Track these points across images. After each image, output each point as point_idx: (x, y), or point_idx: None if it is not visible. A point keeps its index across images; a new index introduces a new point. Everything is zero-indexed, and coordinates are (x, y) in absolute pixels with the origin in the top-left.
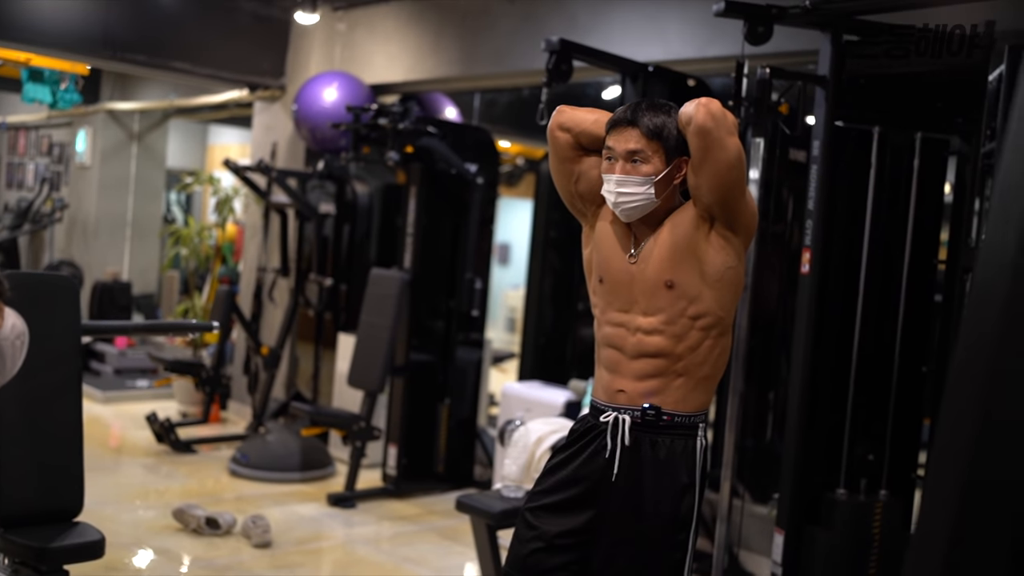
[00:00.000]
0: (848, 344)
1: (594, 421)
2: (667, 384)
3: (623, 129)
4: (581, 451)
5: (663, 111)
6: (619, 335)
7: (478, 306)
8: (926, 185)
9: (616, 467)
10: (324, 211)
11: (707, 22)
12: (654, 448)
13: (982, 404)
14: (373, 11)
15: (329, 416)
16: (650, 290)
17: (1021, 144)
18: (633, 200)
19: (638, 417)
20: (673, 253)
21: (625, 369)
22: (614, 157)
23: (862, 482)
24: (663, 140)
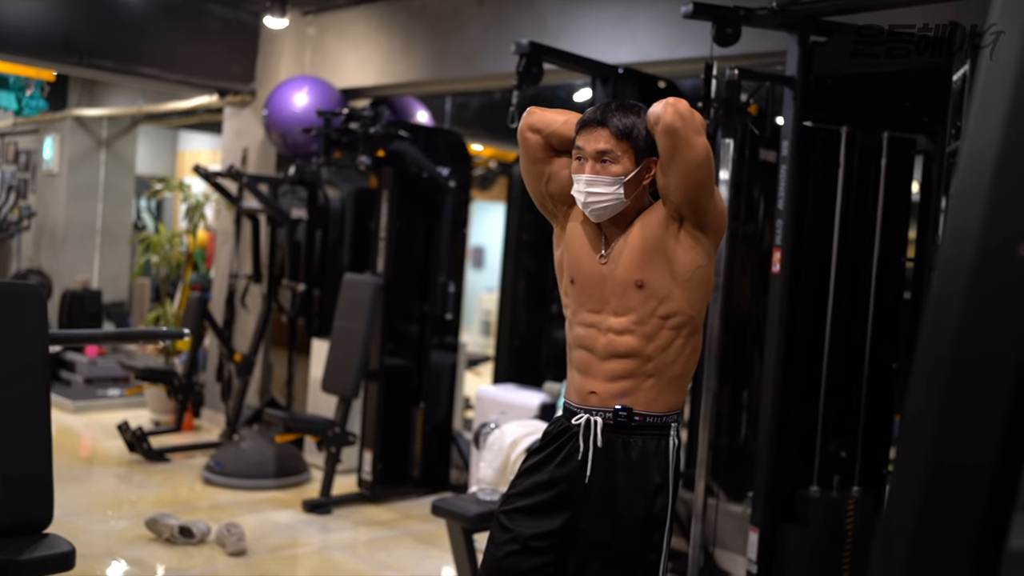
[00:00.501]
0: (819, 342)
1: (567, 423)
2: (638, 384)
3: (593, 129)
4: (555, 453)
5: (633, 112)
6: (590, 335)
7: (452, 310)
8: (894, 184)
9: (589, 469)
10: (296, 216)
11: (676, 24)
12: (627, 449)
13: (943, 402)
14: (343, 15)
15: (303, 422)
16: (620, 290)
17: (978, 145)
18: (603, 200)
19: (610, 419)
20: (643, 253)
21: (596, 370)
22: (584, 157)
23: (835, 479)
24: (632, 140)
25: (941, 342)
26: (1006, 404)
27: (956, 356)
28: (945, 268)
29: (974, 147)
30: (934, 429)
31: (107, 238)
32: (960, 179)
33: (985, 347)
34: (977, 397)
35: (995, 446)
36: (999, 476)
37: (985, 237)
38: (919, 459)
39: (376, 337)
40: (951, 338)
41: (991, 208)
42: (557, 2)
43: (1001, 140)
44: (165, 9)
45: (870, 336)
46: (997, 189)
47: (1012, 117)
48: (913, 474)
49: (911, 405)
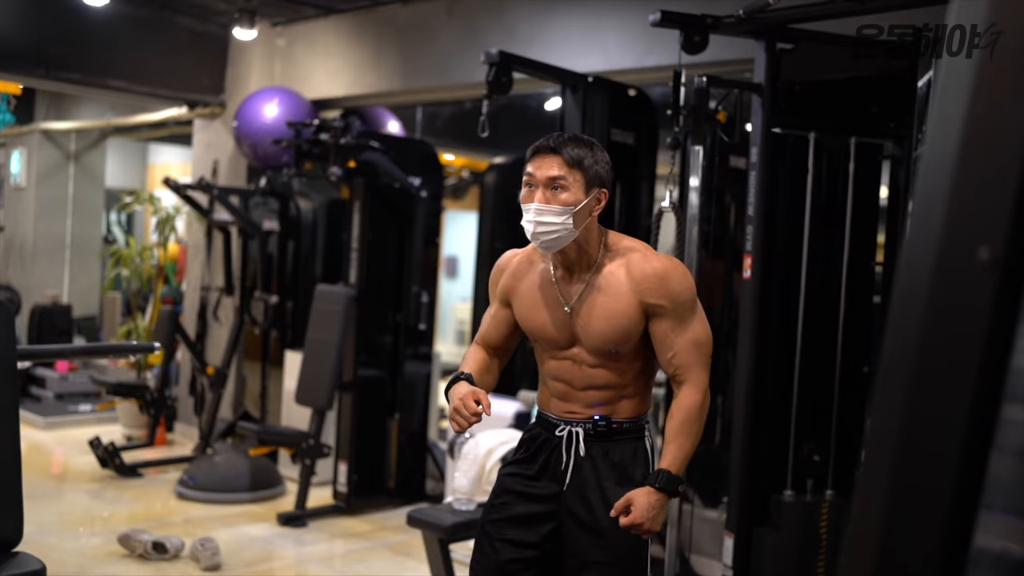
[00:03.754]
0: (791, 347)
1: (547, 434)
2: (615, 401)
3: (545, 156)
4: (534, 460)
5: (585, 144)
6: (565, 368)
7: (425, 319)
8: (862, 188)
9: (569, 477)
10: (268, 228)
11: (646, 32)
12: (607, 455)
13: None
14: (312, 26)
15: (277, 435)
16: (592, 346)
17: (938, 149)
18: (552, 231)
19: (590, 429)
20: (612, 330)
21: (575, 397)
22: (534, 184)
23: (808, 483)
24: (584, 169)
25: (904, 346)
26: (968, 409)
27: (918, 361)
28: (907, 272)
29: (935, 149)
30: (898, 435)
31: (77, 252)
32: (922, 181)
33: (947, 351)
34: (940, 402)
35: (959, 452)
36: (963, 478)
37: (946, 240)
38: (883, 466)
39: (349, 348)
40: (913, 342)
41: (952, 210)
42: (527, 12)
43: (960, 141)
44: (133, 21)
45: (841, 340)
46: (957, 191)
47: (970, 118)
48: (878, 481)
49: (876, 413)
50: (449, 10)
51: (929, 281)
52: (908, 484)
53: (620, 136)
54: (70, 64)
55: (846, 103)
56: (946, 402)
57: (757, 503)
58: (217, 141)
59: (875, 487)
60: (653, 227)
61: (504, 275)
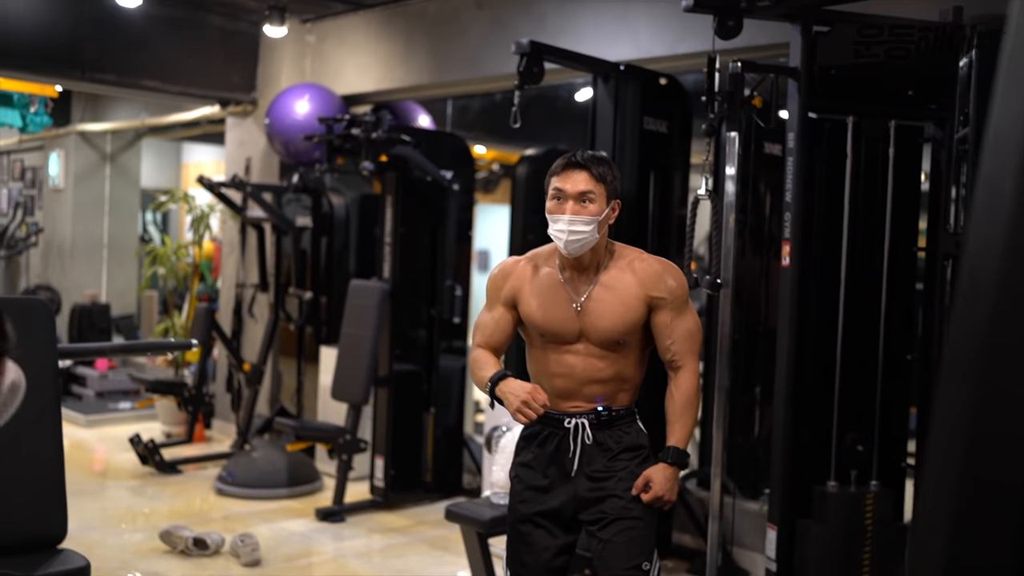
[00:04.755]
0: (832, 335)
1: (550, 429)
2: (614, 395)
3: (574, 171)
4: (541, 456)
5: (605, 162)
6: (570, 362)
7: (459, 313)
8: (902, 173)
9: (577, 463)
10: (301, 224)
11: (677, 19)
12: (611, 437)
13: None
14: (342, 22)
15: (314, 430)
16: (600, 338)
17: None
18: (581, 238)
19: (594, 419)
20: (624, 319)
21: (578, 393)
22: (563, 197)
23: (852, 473)
24: (606, 184)
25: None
26: None
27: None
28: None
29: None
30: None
31: (114, 252)
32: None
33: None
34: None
35: None
36: None
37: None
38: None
39: (384, 343)
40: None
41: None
42: (556, 2)
43: None
44: (165, 21)
45: (883, 328)
46: None
47: None
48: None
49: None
50: (478, 3)
51: (998, 267)
52: (981, 480)
53: (653, 124)
54: (104, 65)
55: (884, 85)
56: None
57: (800, 495)
58: (249, 139)
59: (943, 484)
60: (689, 215)
61: (510, 279)
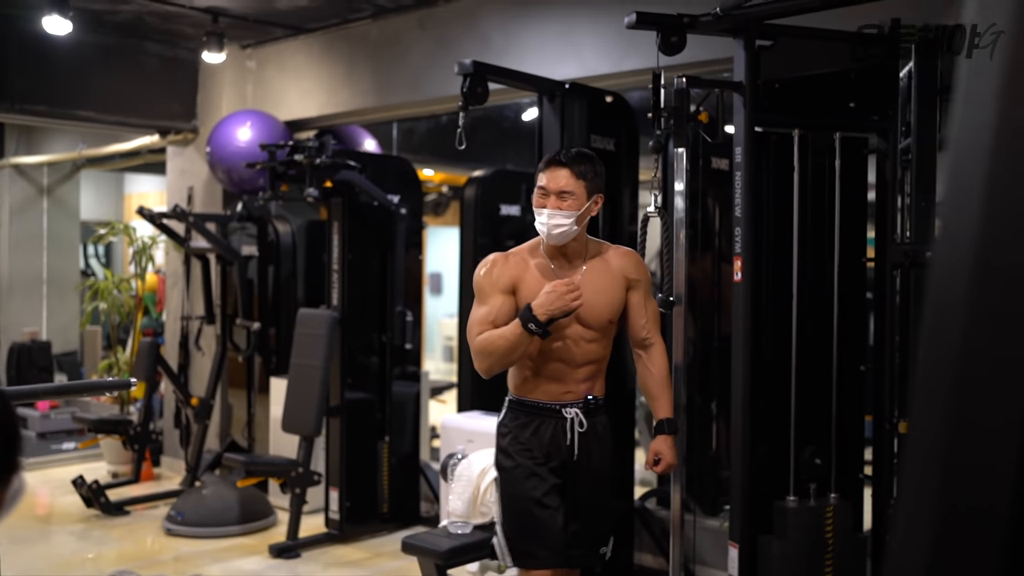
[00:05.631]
0: (786, 349)
1: (542, 418)
2: (597, 378)
3: (556, 169)
4: (536, 446)
5: (588, 159)
6: (565, 347)
7: (411, 339)
8: (848, 184)
9: (577, 450)
10: (247, 253)
11: (621, 37)
12: (594, 427)
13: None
14: (283, 47)
15: (264, 465)
16: (592, 318)
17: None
18: (561, 230)
19: (583, 407)
20: (611, 301)
21: (571, 376)
22: (547, 193)
23: (811, 487)
24: (587, 181)
25: (945, 357)
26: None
27: (962, 370)
28: (941, 276)
29: (963, 145)
30: (944, 451)
31: (54, 287)
32: (951, 180)
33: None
34: (990, 410)
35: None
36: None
37: (984, 240)
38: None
39: (335, 372)
40: (956, 351)
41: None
42: (500, 21)
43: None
44: (99, 49)
45: (836, 339)
46: (993, 187)
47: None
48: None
49: (915, 429)
50: (421, 23)
51: (968, 282)
52: (958, 505)
53: (600, 143)
54: (35, 96)
55: (828, 98)
56: (997, 410)
57: (760, 511)
58: (191, 168)
59: (919, 510)
60: (639, 232)
61: (506, 267)
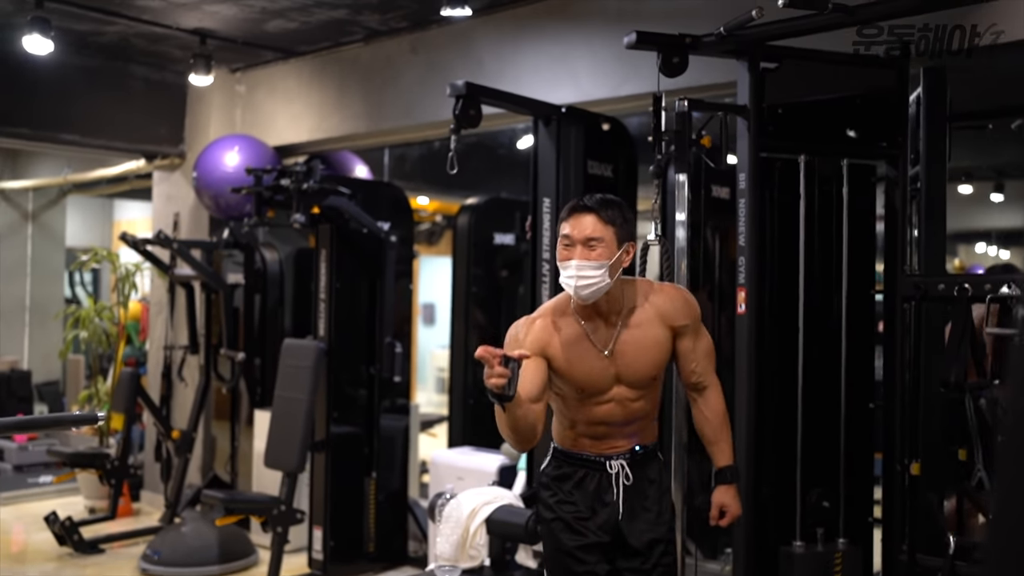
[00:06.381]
0: (792, 385)
1: (586, 470)
2: (647, 428)
3: (581, 216)
4: (579, 500)
5: (615, 205)
6: (608, 410)
7: (400, 371)
8: (856, 213)
9: (622, 506)
10: (232, 281)
11: (619, 61)
12: (644, 474)
13: None
14: (273, 70)
15: (245, 502)
16: (636, 379)
17: None
18: (592, 283)
19: (630, 459)
20: (654, 357)
21: (616, 433)
22: (572, 243)
23: (819, 532)
24: (616, 227)
25: None
26: None
27: None
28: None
29: None
30: None
31: (37, 315)
32: None
33: None
34: None
35: None
36: None
37: None
38: None
39: (321, 405)
40: None
41: None
42: (494, 45)
43: None
44: (84, 71)
45: (844, 375)
46: None
47: None
48: None
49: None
50: (413, 47)
51: None
52: None
53: (598, 169)
54: (17, 119)
55: (835, 123)
56: None
57: (765, 556)
58: (177, 193)
59: None
60: (638, 262)
61: (532, 332)
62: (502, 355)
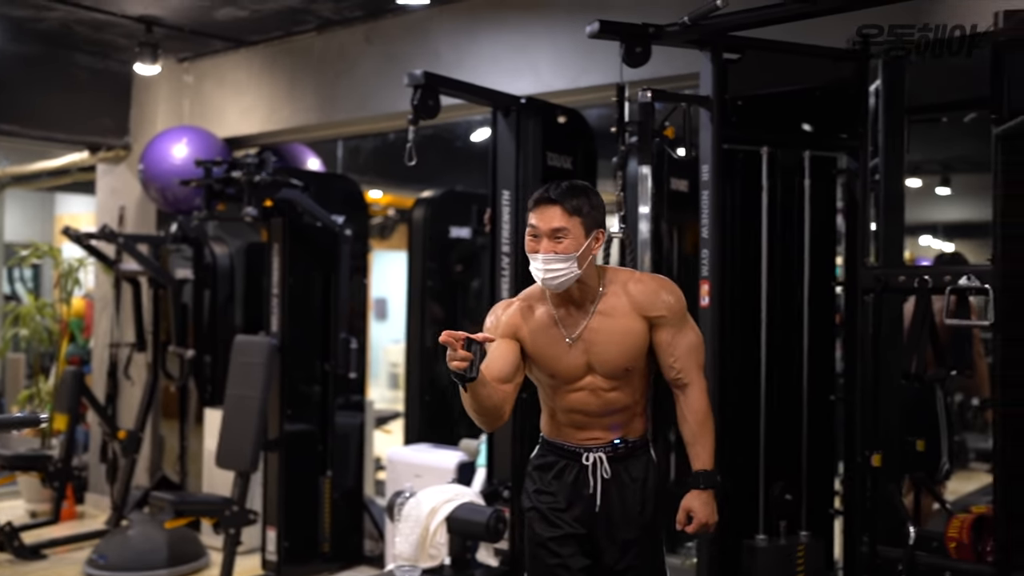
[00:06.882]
0: (755, 378)
1: (566, 461)
2: (630, 422)
3: (546, 207)
4: (558, 490)
5: (581, 192)
6: (583, 398)
7: (356, 367)
8: (818, 205)
9: (599, 499)
10: (181, 277)
11: (580, 51)
12: (628, 471)
13: None
14: (222, 60)
15: (196, 504)
16: (607, 368)
17: None
18: (560, 275)
19: (610, 452)
20: (625, 346)
21: (595, 424)
22: (539, 235)
23: (781, 524)
24: (583, 216)
25: None
26: None
27: None
28: None
29: None
30: None
31: None
32: None
33: None
34: None
35: None
36: None
37: None
38: None
39: (274, 403)
40: None
41: None
42: (451, 35)
43: None
44: (22, 60)
45: (807, 368)
46: None
47: None
48: None
49: None
50: (368, 37)
51: None
52: None
53: (557, 160)
54: None
55: (797, 116)
56: None
57: (728, 550)
58: (123, 186)
59: None
60: (601, 255)
61: (506, 315)
62: (465, 338)
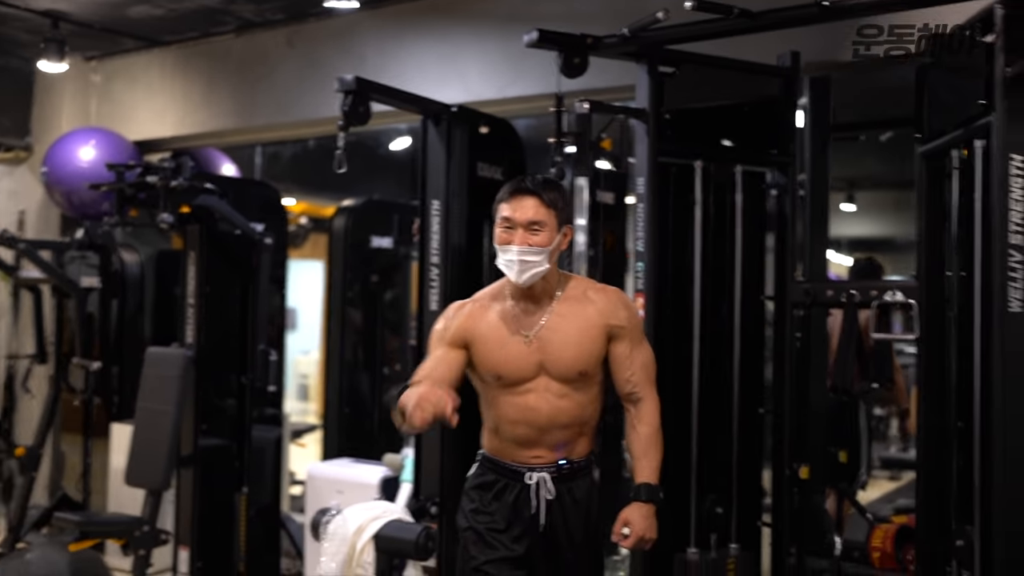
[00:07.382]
0: (687, 391)
1: (507, 480)
2: (575, 441)
3: (523, 198)
4: (497, 511)
5: (555, 187)
6: (530, 403)
7: (274, 380)
8: (749, 219)
9: (543, 520)
10: (87, 285)
11: (509, 61)
12: (571, 492)
13: None
14: (133, 60)
15: (103, 525)
16: (561, 370)
17: None
18: (532, 268)
19: (555, 473)
20: (582, 354)
21: (540, 440)
22: (513, 226)
23: (712, 537)
24: (558, 211)
25: None
26: None
27: None
28: None
29: None
30: None
31: None
32: None
33: None
34: None
35: None
36: None
37: None
38: None
39: (188, 417)
40: None
41: None
42: (377, 41)
43: None
44: None
45: (738, 381)
46: None
47: None
48: None
49: None
50: (289, 40)
51: None
52: None
53: (487, 171)
54: None
55: (730, 130)
56: None
57: (660, 563)
58: (23, 189)
59: None
60: None
61: (457, 319)
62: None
